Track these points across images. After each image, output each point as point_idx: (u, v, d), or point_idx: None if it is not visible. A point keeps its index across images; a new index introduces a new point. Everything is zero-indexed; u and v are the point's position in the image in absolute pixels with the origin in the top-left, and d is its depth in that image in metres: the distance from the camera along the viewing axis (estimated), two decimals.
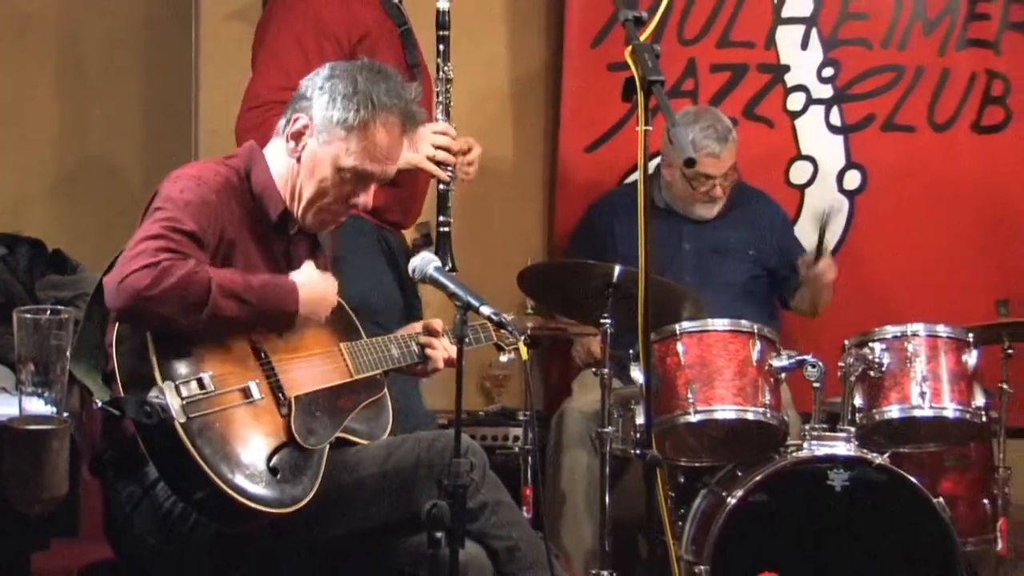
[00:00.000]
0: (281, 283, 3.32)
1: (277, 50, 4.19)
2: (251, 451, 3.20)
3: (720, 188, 5.14)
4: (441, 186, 4.22)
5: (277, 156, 3.49)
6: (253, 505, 3.13)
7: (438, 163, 4.21)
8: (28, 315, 3.10)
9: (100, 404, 3.19)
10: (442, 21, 4.25)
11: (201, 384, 3.15)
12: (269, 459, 3.21)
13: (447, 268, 4.03)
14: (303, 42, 4.14)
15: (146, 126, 5.76)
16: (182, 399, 3.10)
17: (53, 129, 5.74)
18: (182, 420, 3.08)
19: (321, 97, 3.41)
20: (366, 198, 3.52)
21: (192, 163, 3.77)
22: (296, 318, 3.33)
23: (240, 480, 3.14)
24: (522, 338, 3.52)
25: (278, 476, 3.20)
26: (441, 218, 4.19)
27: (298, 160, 3.44)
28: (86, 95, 5.74)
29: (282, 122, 3.49)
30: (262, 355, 3.32)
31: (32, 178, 5.65)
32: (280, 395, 3.31)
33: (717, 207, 5.21)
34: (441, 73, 4.26)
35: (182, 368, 3.16)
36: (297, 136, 3.43)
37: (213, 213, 3.30)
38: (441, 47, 4.25)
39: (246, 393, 3.24)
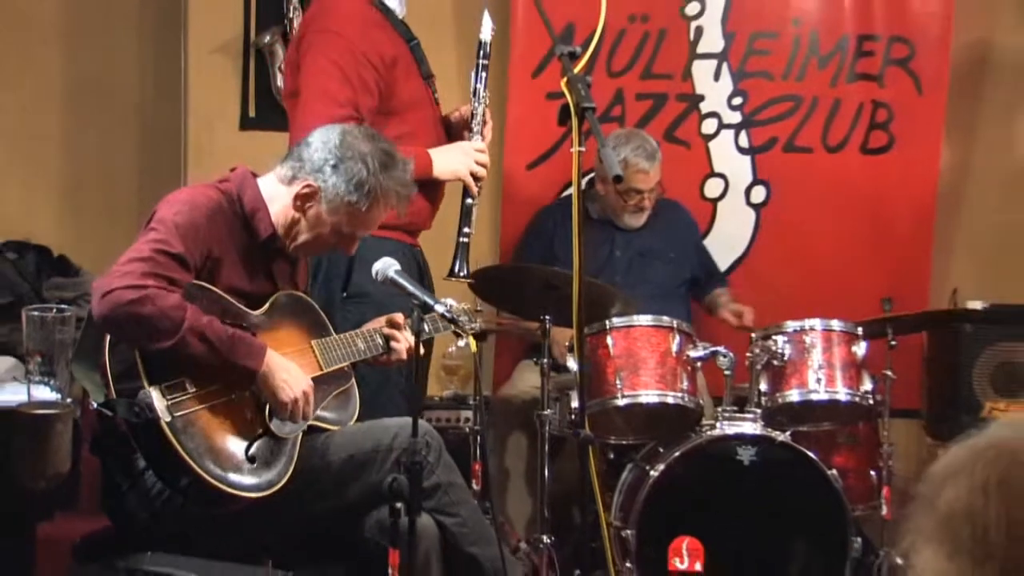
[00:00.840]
0: (253, 342, 3.25)
1: (321, 80, 4.02)
2: (231, 443, 3.19)
3: (648, 200, 5.13)
4: (468, 200, 4.13)
5: (274, 192, 3.43)
6: (232, 491, 3.13)
7: (476, 179, 4.15)
8: (36, 313, 3.10)
9: (95, 405, 3.16)
10: (485, 51, 4.16)
11: (185, 385, 3.12)
12: (247, 449, 3.19)
13: (463, 275, 4.05)
14: (345, 70, 4.01)
15: (140, 146, 5.72)
16: (167, 400, 3.07)
17: (58, 149, 5.69)
18: (167, 419, 3.07)
19: (335, 175, 3.36)
20: (351, 249, 3.55)
21: (187, 187, 3.72)
22: (256, 377, 3.21)
23: (220, 470, 3.13)
24: (472, 330, 3.51)
25: (255, 464, 3.20)
26: (465, 229, 4.10)
27: (302, 215, 3.40)
28: (87, 119, 5.69)
29: (287, 172, 3.43)
30: None
31: (39, 191, 5.61)
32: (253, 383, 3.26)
33: (644, 217, 5.19)
34: (481, 97, 4.18)
35: (167, 371, 3.12)
36: (305, 198, 3.39)
37: (201, 235, 3.25)
38: (484, 74, 4.17)
39: (226, 391, 3.21)
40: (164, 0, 5.63)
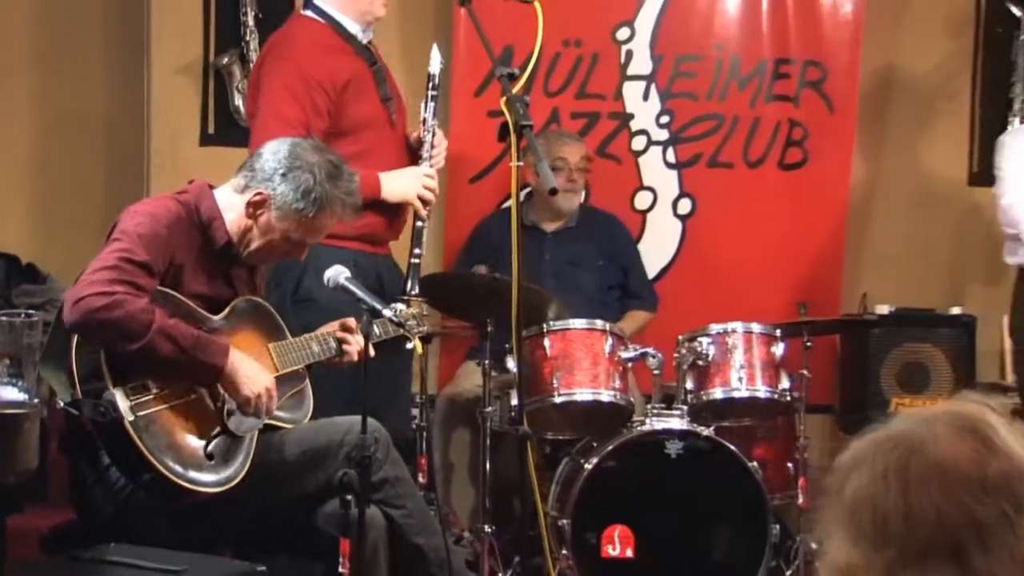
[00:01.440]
0: (217, 341, 3.24)
1: (275, 102, 4.05)
2: (190, 441, 3.18)
3: (576, 176, 5.15)
4: (419, 223, 4.13)
5: (229, 201, 3.41)
6: (192, 487, 3.14)
7: (424, 202, 4.14)
8: (4, 318, 3.09)
9: (61, 404, 3.16)
10: (434, 83, 4.18)
11: (147, 386, 3.12)
12: (206, 447, 3.19)
13: (414, 293, 4.02)
14: (296, 93, 4.03)
15: (106, 160, 5.66)
16: (130, 400, 3.07)
17: (27, 163, 5.63)
18: (130, 419, 3.06)
19: (284, 184, 3.34)
20: (301, 255, 3.55)
21: (148, 199, 3.71)
22: (221, 374, 3.21)
23: (181, 467, 3.12)
24: (418, 333, 3.51)
25: (213, 461, 3.20)
26: (416, 251, 4.10)
27: (254, 221, 3.38)
28: (55, 136, 5.63)
29: (240, 182, 3.41)
30: None
31: (8, 203, 5.54)
32: (216, 392, 3.25)
33: (578, 198, 5.23)
34: (428, 125, 4.19)
35: (131, 373, 3.11)
36: (256, 205, 3.36)
37: (163, 244, 3.24)
38: (432, 104, 4.18)
39: (186, 392, 3.20)
40: (129, 24, 5.56)
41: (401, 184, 4.13)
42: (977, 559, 1.53)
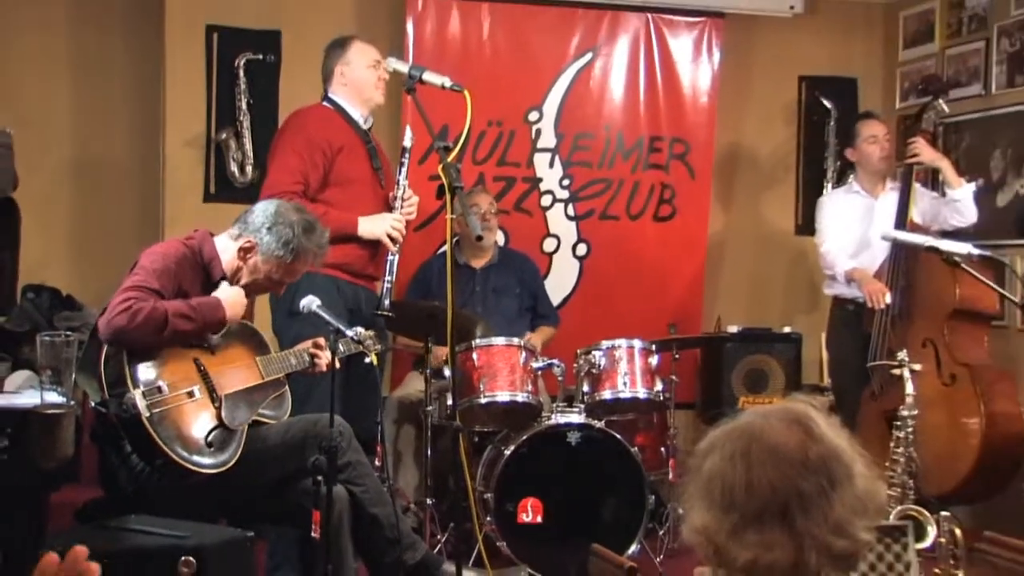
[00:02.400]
0: (210, 301, 3.26)
1: (282, 157, 4.08)
2: (194, 432, 3.15)
3: (490, 218, 5.15)
4: (390, 256, 4.12)
5: (225, 246, 3.40)
6: (196, 469, 3.11)
7: (392, 239, 4.13)
8: (47, 338, 3.10)
9: (93, 404, 3.14)
10: (406, 153, 4.22)
11: (160, 389, 3.11)
12: (207, 437, 3.15)
13: (387, 310, 4.03)
14: (299, 151, 4.05)
15: (130, 212, 5.58)
16: (146, 400, 3.05)
17: (67, 215, 5.55)
18: (147, 415, 3.05)
19: (269, 235, 3.35)
20: (280, 290, 3.61)
21: (162, 242, 3.66)
22: (225, 322, 3.28)
23: (187, 452, 3.10)
24: (375, 350, 3.49)
25: (213, 448, 3.17)
26: (388, 277, 4.10)
27: (244, 263, 3.38)
28: (90, 193, 5.56)
29: (235, 231, 3.42)
30: (201, 368, 3.24)
31: (53, 247, 5.44)
32: (214, 394, 3.23)
33: (494, 235, 5.25)
34: (402, 187, 4.20)
35: (147, 379, 3.10)
36: (246, 251, 3.37)
37: (172, 276, 3.23)
38: (404, 168, 4.21)
39: (191, 394, 3.18)
40: (148, 104, 5.51)
41: (374, 226, 4.12)
42: (799, 521, 1.55)
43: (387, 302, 4.06)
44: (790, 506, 1.55)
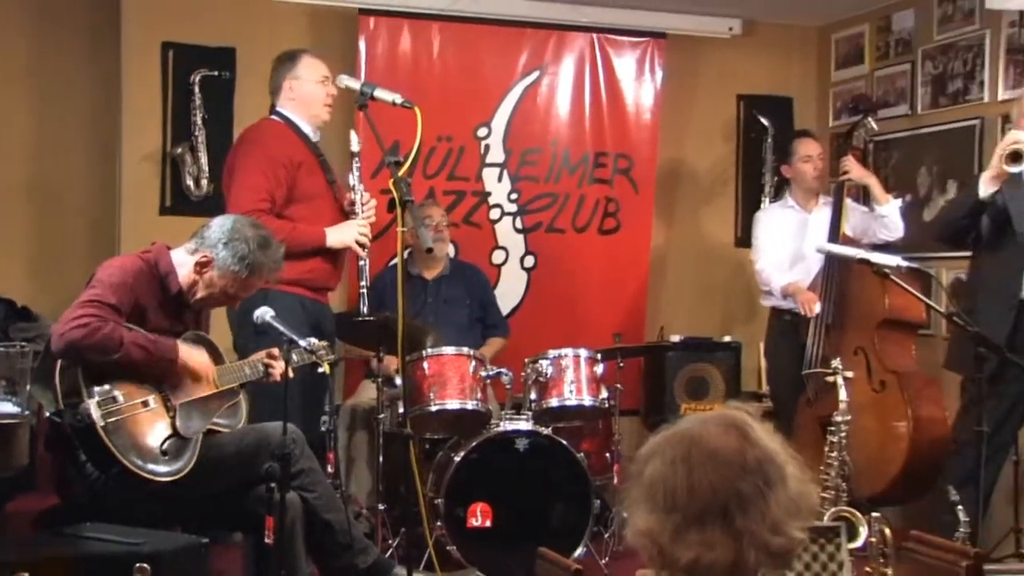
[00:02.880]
0: (168, 342, 3.23)
1: (246, 176, 4.00)
2: (149, 441, 3.12)
3: (442, 229, 5.13)
4: (361, 261, 4.08)
5: (182, 260, 3.36)
6: (151, 476, 3.07)
7: (361, 246, 4.10)
8: (2, 348, 3.04)
9: (48, 414, 3.09)
10: (356, 159, 4.14)
11: (114, 399, 3.07)
12: (162, 445, 3.12)
13: (366, 315, 4.02)
14: (263, 169, 3.98)
15: (86, 226, 5.51)
16: (101, 410, 3.01)
17: (24, 228, 5.47)
18: (102, 424, 3.01)
19: (225, 250, 3.32)
20: (235, 304, 3.59)
21: (119, 256, 3.63)
22: (176, 364, 3.22)
23: (142, 461, 3.07)
24: (328, 360, 3.48)
25: (167, 456, 3.13)
26: (362, 283, 4.07)
27: (200, 277, 3.34)
28: (46, 207, 5.49)
29: (192, 245, 3.37)
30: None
31: (8, 260, 5.36)
32: (168, 403, 3.21)
33: (446, 246, 5.22)
34: (358, 192, 4.15)
35: (101, 389, 3.06)
36: (203, 265, 3.33)
37: (128, 290, 3.20)
38: (357, 173, 4.14)
39: (145, 403, 3.16)
40: (105, 119, 5.46)
41: (342, 235, 4.08)
42: (739, 520, 1.58)
43: (365, 308, 4.05)
44: (729, 506, 1.58)
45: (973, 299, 4.22)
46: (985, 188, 4.03)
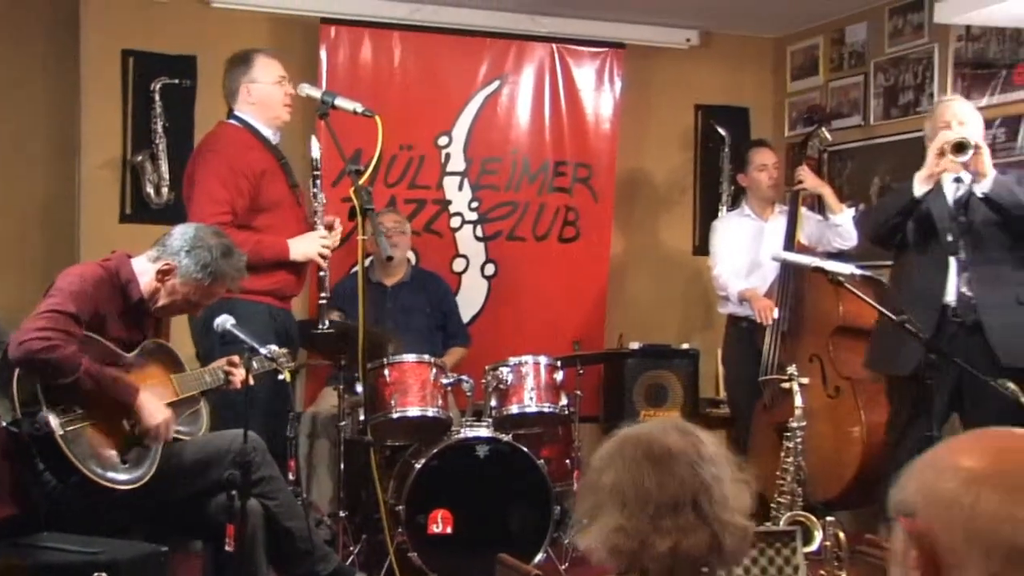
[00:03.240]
0: (129, 383, 3.16)
1: (206, 187, 3.93)
2: (109, 449, 3.09)
3: (398, 238, 5.11)
4: (321, 272, 4.05)
5: (143, 268, 3.32)
6: (111, 485, 3.04)
7: (323, 257, 4.06)
8: None
9: (4, 423, 3.03)
10: (316, 165, 4.08)
11: (74, 409, 3.03)
12: (122, 453, 3.09)
13: (326, 328, 4.00)
14: (224, 179, 3.92)
15: (46, 234, 5.44)
16: (60, 419, 2.98)
17: None
18: (60, 433, 2.97)
19: (188, 258, 3.28)
20: (197, 312, 3.52)
21: (79, 264, 3.58)
22: (132, 408, 3.14)
23: (101, 469, 3.04)
24: (288, 367, 3.47)
25: (128, 464, 3.10)
26: (322, 294, 4.04)
27: (162, 285, 3.31)
28: (7, 214, 5.38)
29: (154, 253, 3.33)
30: None
31: None
32: (130, 411, 3.16)
33: (405, 249, 5.21)
34: (318, 199, 4.10)
35: (61, 398, 3.02)
36: (164, 273, 3.30)
37: (88, 299, 3.15)
38: (318, 181, 4.09)
39: (105, 414, 3.11)
40: (64, 129, 5.40)
41: (304, 246, 4.04)
42: (706, 506, 1.67)
43: (327, 319, 4.04)
44: (698, 495, 1.67)
45: (896, 302, 4.27)
46: (920, 187, 4.09)
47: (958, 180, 4.11)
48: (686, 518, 1.65)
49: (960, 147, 3.98)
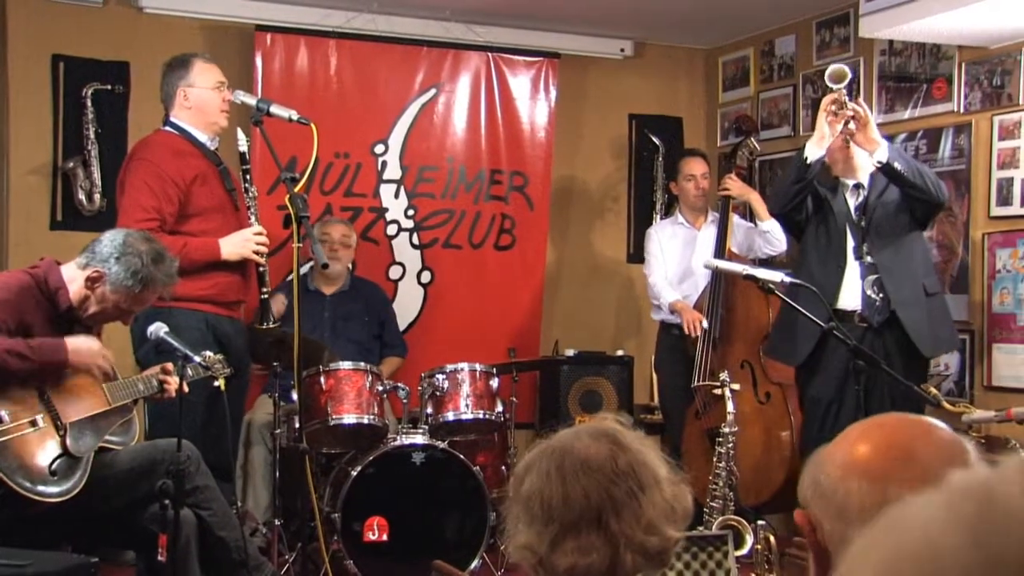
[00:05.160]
0: (52, 342, 3.10)
1: (135, 194, 3.89)
2: (37, 461, 3.03)
3: (340, 249, 5.09)
4: (260, 268, 4.00)
5: (72, 275, 3.25)
6: (39, 498, 2.99)
7: (258, 254, 4.01)
8: None
9: None
10: (244, 159, 4.04)
11: (1, 420, 2.95)
12: (50, 465, 3.03)
13: (271, 324, 3.95)
14: (152, 187, 3.87)
15: None
16: None
17: None
18: None
19: (117, 264, 3.22)
20: (128, 320, 3.46)
21: (5, 271, 3.51)
22: (67, 366, 3.10)
23: (30, 482, 2.99)
24: (222, 374, 3.43)
25: (56, 476, 3.04)
26: (263, 289, 3.98)
27: (91, 292, 3.24)
28: None
29: (83, 260, 3.27)
30: (45, 396, 3.11)
31: None
32: (58, 422, 3.12)
33: (342, 264, 5.15)
34: (250, 193, 4.04)
35: None
36: (94, 280, 3.23)
37: (12, 307, 3.09)
38: (248, 176, 4.04)
39: (33, 423, 3.07)
40: None
41: (236, 245, 3.99)
42: (613, 524, 1.63)
43: (271, 315, 3.99)
44: (604, 511, 1.63)
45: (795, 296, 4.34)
46: (813, 150, 4.17)
47: (858, 187, 4.21)
48: (587, 537, 1.61)
49: (838, 77, 4.08)
